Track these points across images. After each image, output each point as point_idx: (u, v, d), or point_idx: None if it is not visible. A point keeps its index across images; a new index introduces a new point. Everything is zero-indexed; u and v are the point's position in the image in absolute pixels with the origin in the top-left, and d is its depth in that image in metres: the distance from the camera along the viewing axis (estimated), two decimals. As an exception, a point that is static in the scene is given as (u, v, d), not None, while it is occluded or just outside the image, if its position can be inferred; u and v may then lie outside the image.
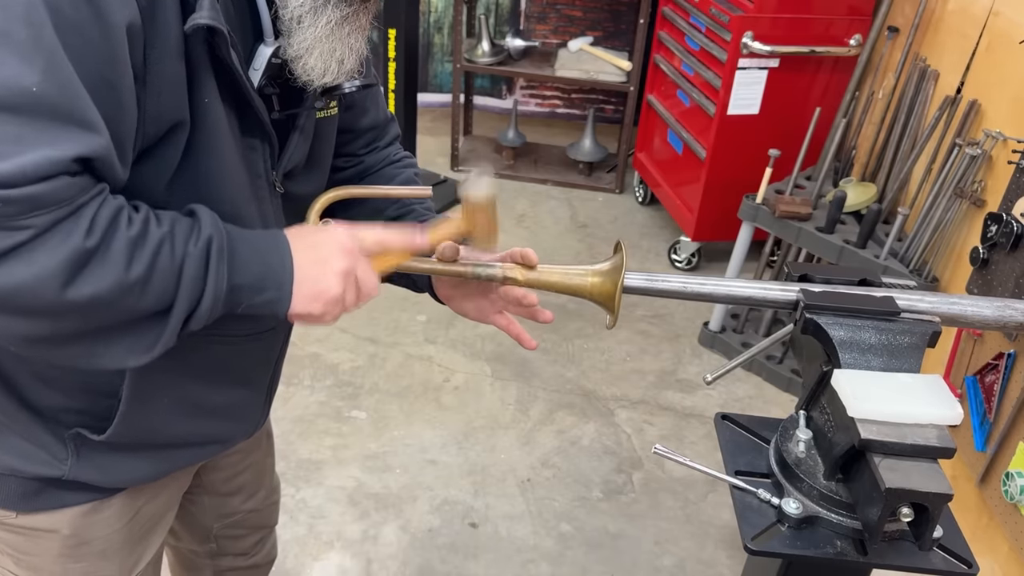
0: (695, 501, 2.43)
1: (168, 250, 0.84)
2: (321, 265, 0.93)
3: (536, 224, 3.80)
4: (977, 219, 2.25)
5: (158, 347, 0.87)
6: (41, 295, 0.77)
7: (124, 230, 0.81)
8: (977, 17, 2.41)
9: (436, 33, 4.65)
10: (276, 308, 0.92)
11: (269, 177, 1.04)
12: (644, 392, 2.85)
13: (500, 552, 2.23)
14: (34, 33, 0.74)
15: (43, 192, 0.75)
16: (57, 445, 1.05)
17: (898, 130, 2.72)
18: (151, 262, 0.82)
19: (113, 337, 0.85)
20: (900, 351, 1.05)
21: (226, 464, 1.36)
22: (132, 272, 0.81)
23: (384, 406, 2.68)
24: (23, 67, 0.73)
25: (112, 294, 0.80)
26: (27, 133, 0.74)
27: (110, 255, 0.80)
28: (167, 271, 0.84)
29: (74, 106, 0.76)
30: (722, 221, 3.28)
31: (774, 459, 1.13)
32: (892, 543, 1.04)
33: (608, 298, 1.09)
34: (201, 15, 0.83)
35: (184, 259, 0.85)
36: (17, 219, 0.74)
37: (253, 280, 0.90)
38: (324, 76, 0.96)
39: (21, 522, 1.10)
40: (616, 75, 3.89)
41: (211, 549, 1.48)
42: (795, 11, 2.97)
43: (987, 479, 1.99)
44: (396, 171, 1.28)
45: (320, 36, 0.93)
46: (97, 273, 0.79)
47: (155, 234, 0.84)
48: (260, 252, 0.91)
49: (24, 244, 0.75)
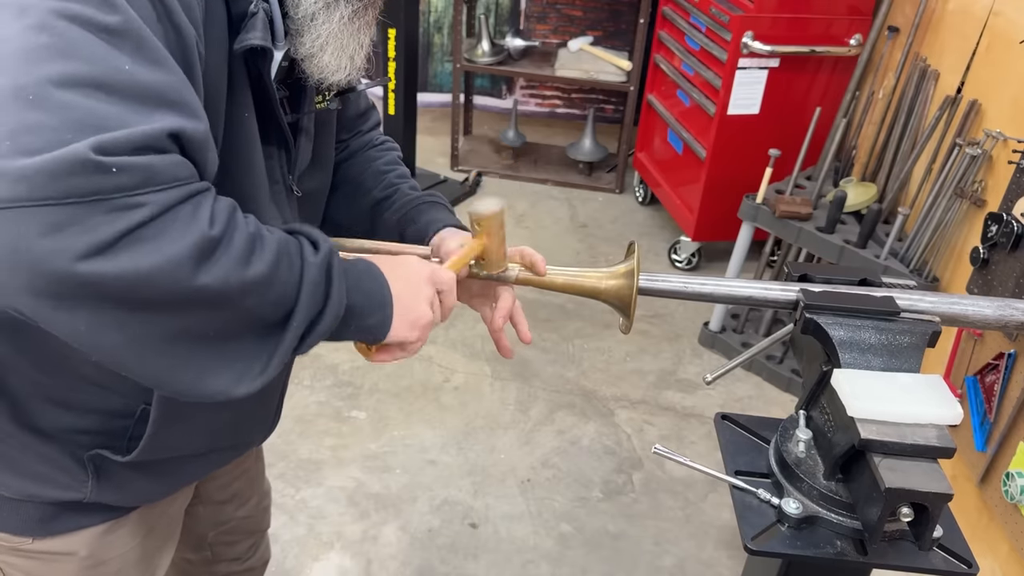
0: (695, 501, 2.43)
1: (287, 255, 0.81)
2: (414, 293, 0.94)
3: (536, 224, 3.80)
4: (977, 219, 2.25)
5: (271, 367, 0.83)
6: (171, 283, 0.70)
7: (243, 226, 0.78)
8: (977, 17, 2.41)
9: (436, 33, 4.64)
10: (378, 332, 0.92)
11: (286, 181, 1.05)
12: (644, 392, 2.85)
13: (500, 552, 2.23)
14: (120, 19, 0.72)
15: (157, 164, 0.70)
16: (77, 468, 1.02)
17: (898, 130, 2.71)
18: (273, 262, 0.79)
19: (227, 353, 0.79)
20: (900, 351, 1.05)
21: (221, 473, 1.35)
22: (254, 268, 0.76)
23: (384, 406, 2.68)
24: (112, 49, 0.71)
25: (236, 289, 0.75)
26: (126, 111, 0.70)
27: (233, 248, 0.75)
28: (287, 276, 0.81)
29: (170, 88, 0.74)
30: (722, 221, 3.28)
31: (774, 459, 1.13)
32: (892, 543, 1.04)
33: (624, 302, 1.09)
34: (255, 35, 0.84)
35: (303, 268, 0.82)
36: (133, 193, 0.68)
37: (364, 301, 0.90)
38: (337, 73, 0.96)
39: (38, 547, 1.07)
40: (616, 75, 3.89)
41: (206, 557, 1.47)
42: (795, 11, 2.97)
43: (987, 479, 1.99)
44: (378, 153, 1.30)
45: (333, 32, 0.93)
46: (223, 264, 0.73)
47: (271, 237, 0.81)
48: (363, 275, 0.91)
49: (146, 224, 0.69)
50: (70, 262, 0.66)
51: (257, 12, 0.86)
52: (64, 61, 0.69)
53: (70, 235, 0.66)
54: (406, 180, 1.29)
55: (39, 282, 0.67)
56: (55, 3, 0.70)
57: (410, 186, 1.27)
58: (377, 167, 1.30)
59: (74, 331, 0.71)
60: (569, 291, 1.13)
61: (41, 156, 0.65)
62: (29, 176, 0.65)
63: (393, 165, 1.31)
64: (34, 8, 0.70)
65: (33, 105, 0.67)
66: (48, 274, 0.66)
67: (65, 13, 0.70)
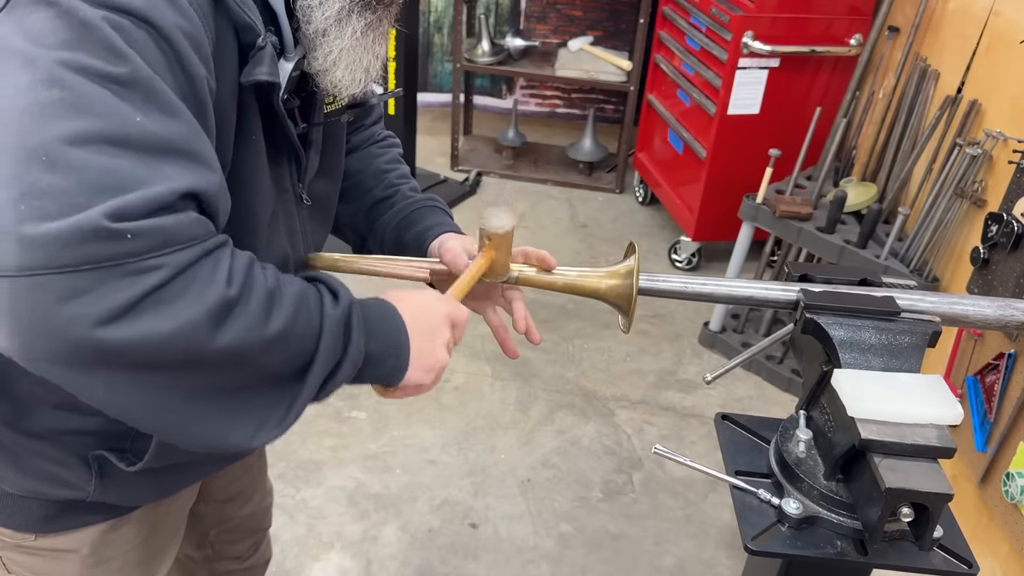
0: (695, 501, 2.43)
1: (305, 309, 0.81)
2: (431, 336, 0.93)
3: (536, 224, 3.80)
4: (978, 219, 2.25)
5: (290, 418, 0.82)
6: (189, 345, 0.70)
7: (262, 281, 0.77)
8: (977, 17, 2.41)
9: (436, 33, 4.64)
10: (393, 378, 0.91)
11: (296, 190, 1.04)
12: (644, 392, 2.85)
13: (500, 552, 2.23)
14: (129, 69, 0.71)
15: (172, 225, 0.69)
16: (81, 467, 1.02)
17: (898, 130, 2.71)
18: (291, 317, 0.79)
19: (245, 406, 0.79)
20: (900, 351, 1.05)
21: (225, 471, 1.35)
22: (272, 325, 0.76)
23: (384, 406, 2.68)
24: (121, 102, 0.70)
25: (255, 347, 0.75)
26: (140, 166, 0.69)
27: (251, 307, 0.75)
28: (306, 329, 0.80)
29: (183, 138, 0.73)
30: (722, 221, 3.28)
31: (774, 459, 1.13)
32: (892, 543, 1.04)
33: (624, 302, 1.09)
34: (261, 70, 0.83)
35: (323, 320, 0.82)
36: (148, 257, 0.68)
37: (382, 348, 0.89)
38: (351, 87, 0.95)
39: (40, 544, 1.07)
40: (616, 75, 3.89)
41: (207, 555, 1.47)
42: (795, 11, 2.97)
43: (987, 479, 1.99)
44: (379, 151, 1.29)
45: (346, 47, 0.91)
46: (242, 323, 0.74)
47: (290, 291, 0.81)
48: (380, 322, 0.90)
49: (163, 287, 0.69)
50: (89, 329, 0.66)
51: (265, 46, 0.84)
52: (76, 118, 0.68)
53: (87, 302, 0.66)
54: (407, 181, 1.28)
55: (59, 348, 0.67)
56: (62, 54, 0.69)
57: (411, 187, 1.27)
58: (378, 166, 1.28)
59: (92, 393, 0.72)
60: (569, 291, 1.13)
61: (56, 223, 0.65)
62: (45, 243, 0.65)
63: (394, 164, 1.30)
64: (41, 60, 0.69)
65: (47, 167, 0.67)
66: (68, 341, 0.67)
67: (73, 65, 0.69)
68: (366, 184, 1.25)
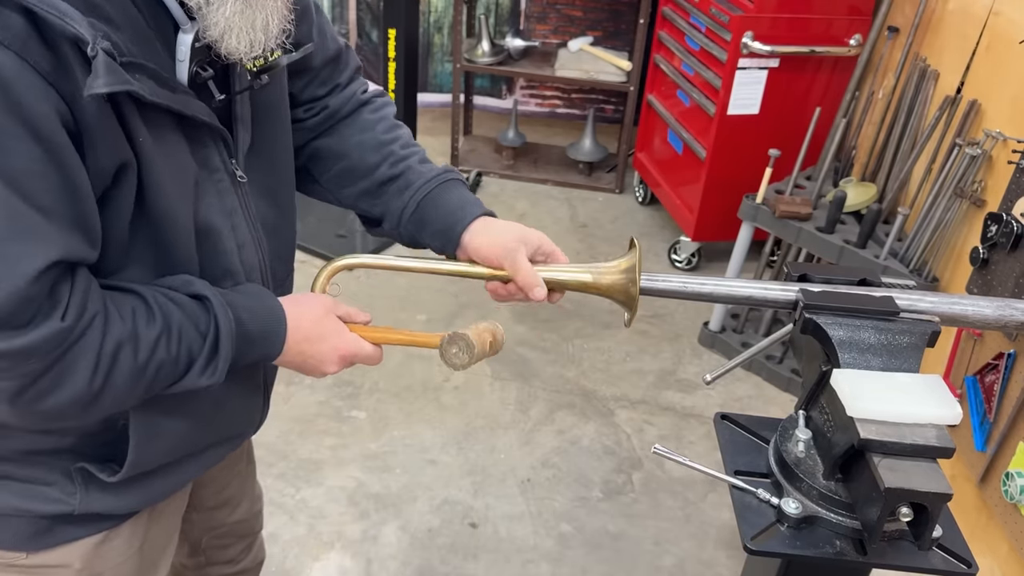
0: (695, 501, 2.43)
1: (172, 362, 0.93)
2: (312, 363, 1.06)
3: (536, 224, 3.77)
4: (977, 219, 2.25)
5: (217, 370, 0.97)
6: (84, 406, 0.89)
7: (129, 357, 0.89)
8: (977, 17, 2.41)
9: (436, 33, 4.64)
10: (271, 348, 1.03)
11: (229, 168, 0.99)
12: (644, 392, 2.85)
13: (500, 552, 2.23)
14: None
15: (29, 345, 0.81)
16: (65, 481, 1.01)
17: (898, 130, 2.71)
18: (154, 378, 0.92)
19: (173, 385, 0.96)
20: (899, 351, 1.05)
21: (213, 478, 1.34)
22: (138, 391, 0.92)
23: (384, 406, 2.68)
24: None
25: (141, 386, 0.92)
26: None
27: (119, 373, 0.89)
28: (171, 372, 0.94)
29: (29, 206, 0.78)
30: (722, 221, 3.28)
31: (773, 459, 1.13)
32: (891, 543, 1.04)
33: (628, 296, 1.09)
34: (98, 83, 0.77)
35: (191, 360, 0.95)
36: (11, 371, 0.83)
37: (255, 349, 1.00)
38: (252, 50, 0.89)
39: (32, 561, 1.05)
40: (616, 75, 3.89)
41: (200, 561, 1.46)
42: (795, 11, 2.97)
43: (987, 479, 1.99)
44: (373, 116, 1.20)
45: (235, 11, 0.86)
46: (117, 383, 0.89)
47: (160, 353, 0.92)
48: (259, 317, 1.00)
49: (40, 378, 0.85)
50: (9, 401, 0.86)
51: (96, 55, 0.77)
52: None
53: None
54: (413, 151, 1.18)
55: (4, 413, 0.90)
56: None
57: (419, 159, 1.17)
58: (377, 137, 1.18)
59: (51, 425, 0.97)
60: (570, 288, 1.13)
61: None
62: None
63: (394, 132, 1.20)
64: None
65: None
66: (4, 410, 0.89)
67: None
68: (368, 161, 1.16)
